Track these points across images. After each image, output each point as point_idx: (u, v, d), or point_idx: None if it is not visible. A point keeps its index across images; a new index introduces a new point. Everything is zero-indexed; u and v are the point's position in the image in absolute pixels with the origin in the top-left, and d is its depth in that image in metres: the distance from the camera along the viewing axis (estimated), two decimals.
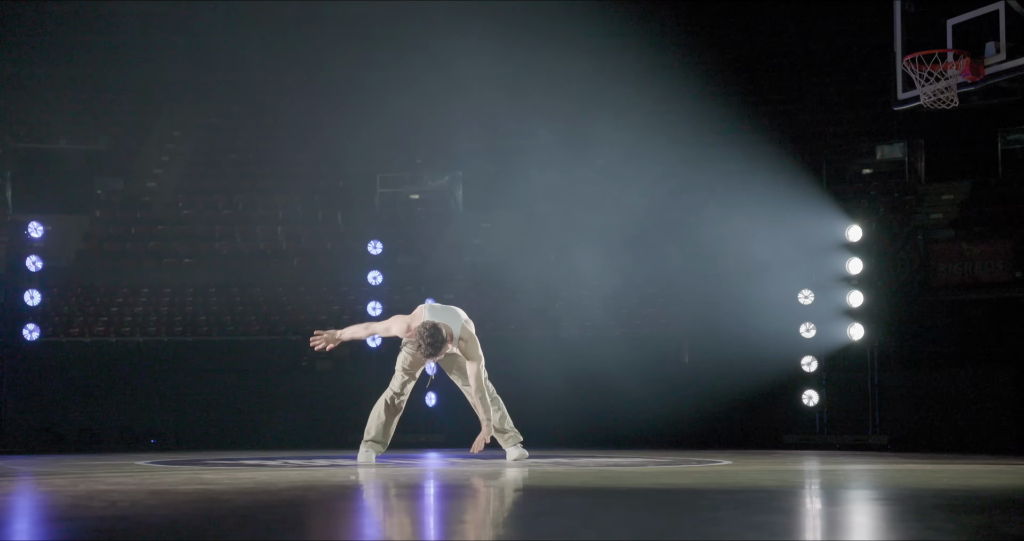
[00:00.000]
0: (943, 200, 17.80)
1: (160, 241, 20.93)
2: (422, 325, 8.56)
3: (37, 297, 14.95)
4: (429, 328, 8.49)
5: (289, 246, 20.92)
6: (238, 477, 7.16)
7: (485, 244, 19.94)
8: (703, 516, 4.67)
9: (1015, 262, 15.34)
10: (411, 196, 21.99)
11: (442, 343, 8.47)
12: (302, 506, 5.16)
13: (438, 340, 8.45)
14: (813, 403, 14.33)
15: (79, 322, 18.41)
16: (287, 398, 15.91)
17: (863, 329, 14.20)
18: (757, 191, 16.23)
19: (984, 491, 6.04)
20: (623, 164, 19.43)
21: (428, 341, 8.45)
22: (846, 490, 6.31)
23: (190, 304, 19.31)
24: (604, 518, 4.74)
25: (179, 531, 4.23)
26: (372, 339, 15.63)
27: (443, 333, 8.48)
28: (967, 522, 4.41)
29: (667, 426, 14.64)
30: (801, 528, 4.37)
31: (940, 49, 10.94)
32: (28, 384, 15.29)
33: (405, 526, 4.57)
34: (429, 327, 8.50)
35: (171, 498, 5.46)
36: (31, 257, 14.91)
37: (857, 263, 14.33)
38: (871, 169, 19.04)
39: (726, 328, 15.21)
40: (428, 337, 8.46)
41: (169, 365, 16.19)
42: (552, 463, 9.02)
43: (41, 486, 6.80)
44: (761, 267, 15.24)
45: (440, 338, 8.46)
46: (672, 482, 6.78)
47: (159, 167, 23.02)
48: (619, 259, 16.76)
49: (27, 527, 4.48)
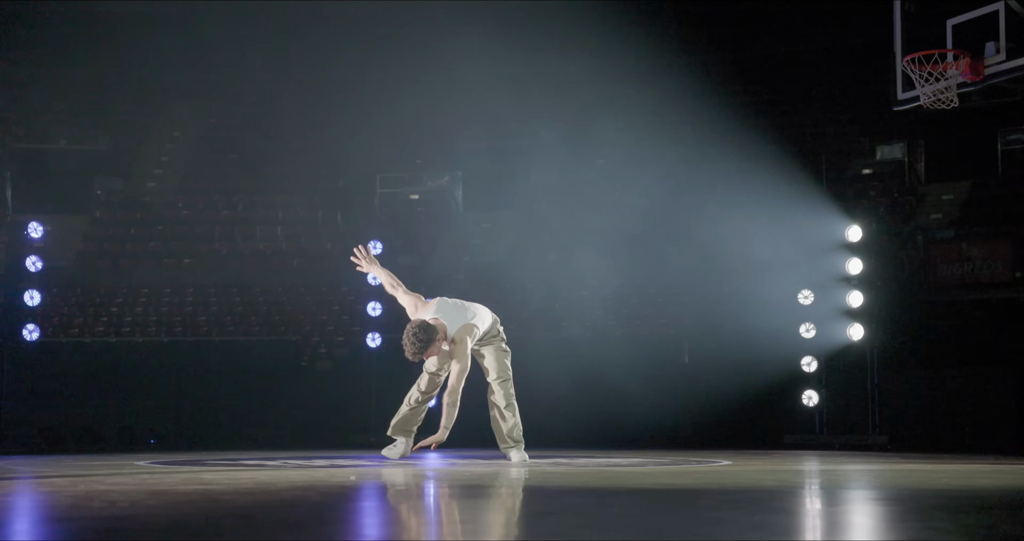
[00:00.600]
0: (943, 200, 17.81)
1: (160, 241, 20.94)
2: (412, 321, 8.40)
3: (37, 297, 14.94)
4: (416, 326, 8.27)
5: (289, 246, 20.93)
6: (238, 477, 7.16)
7: (485, 244, 19.94)
8: (703, 516, 4.67)
9: (1015, 262, 15.35)
10: (411, 196, 21.99)
11: (424, 345, 8.22)
12: (302, 506, 5.16)
13: (420, 341, 8.21)
14: (813, 403, 14.33)
15: (79, 322, 18.42)
16: (287, 398, 15.91)
17: (863, 329, 14.20)
18: (757, 191, 16.23)
19: (984, 491, 6.04)
20: (623, 164, 19.44)
21: (410, 340, 8.28)
22: (846, 490, 6.31)
23: (190, 304, 19.32)
24: (604, 518, 4.74)
25: (179, 531, 4.23)
26: (372, 339, 15.63)
27: (429, 334, 8.23)
28: (967, 522, 4.41)
29: (667, 426, 14.65)
30: (801, 528, 4.37)
31: (940, 49, 10.94)
32: (28, 384, 15.28)
33: (405, 526, 4.57)
34: (417, 325, 8.28)
35: (171, 498, 5.46)
36: (31, 257, 14.90)
37: (857, 263, 14.33)
38: (871, 169, 19.04)
39: (726, 328, 15.21)
40: (411, 336, 8.24)
41: (169, 365, 16.18)
42: (552, 463, 9.01)
43: (41, 486, 6.79)
44: (761, 267, 15.25)
45: (423, 339, 8.21)
46: (672, 482, 6.78)
47: (159, 167, 23.03)
48: (619, 259, 16.76)
49: (27, 527, 4.48)
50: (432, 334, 8.30)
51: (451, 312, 8.57)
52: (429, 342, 8.29)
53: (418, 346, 8.26)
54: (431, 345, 8.31)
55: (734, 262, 15.83)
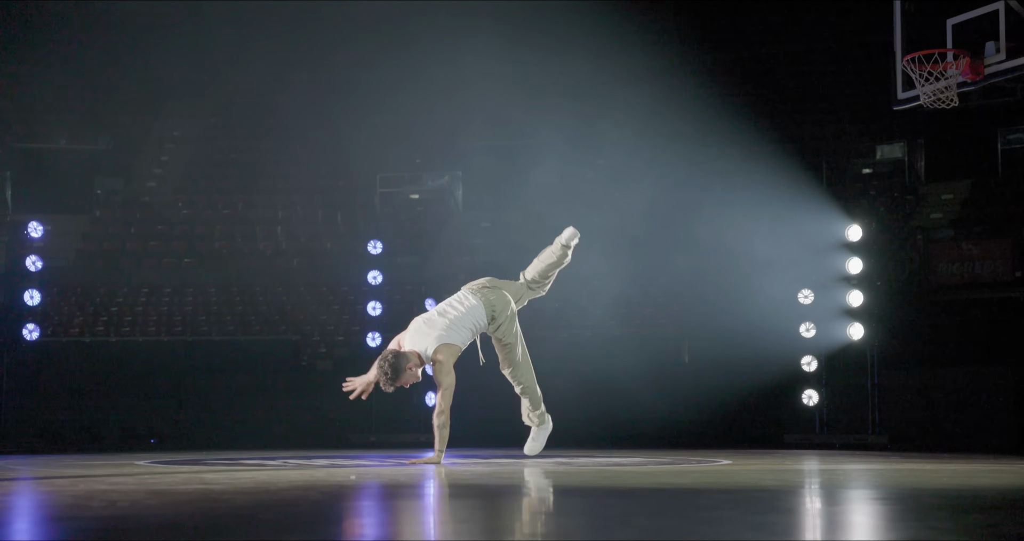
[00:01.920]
0: (943, 200, 17.81)
1: (160, 241, 20.94)
2: (384, 352, 8.37)
3: (37, 297, 14.94)
4: (383, 358, 8.28)
5: (289, 246, 20.93)
6: (238, 477, 7.16)
7: (485, 244, 19.93)
8: (703, 516, 4.67)
9: (1015, 262, 15.35)
10: (411, 196, 22.00)
11: (394, 375, 8.19)
12: (302, 506, 5.16)
13: (385, 373, 8.20)
14: (813, 403, 14.33)
15: (79, 322, 18.42)
16: (287, 398, 15.91)
17: (863, 329, 14.19)
18: (757, 191, 16.23)
19: (984, 491, 6.04)
20: (624, 164, 19.44)
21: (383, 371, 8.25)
22: (846, 490, 6.31)
23: (190, 304, 19.32)
24: (604, 518, 4.74)
25: (179, 531, 4.23)
26: (372, 338, 15.62)
27: (398, 363, 8.20)
28: (967, 522, 4.41)
29: (667, 426, 14.64)
30: (801, 528, 4.37)
31: (940, 49, 10.94)
32: (28, 384, 15.28)
33: (404, 526, 4.57)
34: (384, 356, 8.28)
35: (171, 498, 5.46)
36: (31, 257, 14.90)
37: (857, 263, 14.33)
38: (871, 169, 19.05)
39: (726, 328, 15.21)
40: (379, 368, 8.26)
41: (169, 365, 16.18)
42: (552, 463, 9.02)
43: (41, 486, 6.79)
44: (761, 266, 15.24)
45: (392, 368, 8.18)
46: (672, 482, 6.78)
47: (159, 167, 23.03)
48: (619, 259, 16.75)
49: (27, 527, 4.48)
50: (400, 363, 8.26)
51: (421, 333, 8.42)
52: (398, 371, 8.25)
53: (386, 378, 8.26)
54: (401, 374, 8.27)
55: (734, 261, 15.82)
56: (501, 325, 8.68)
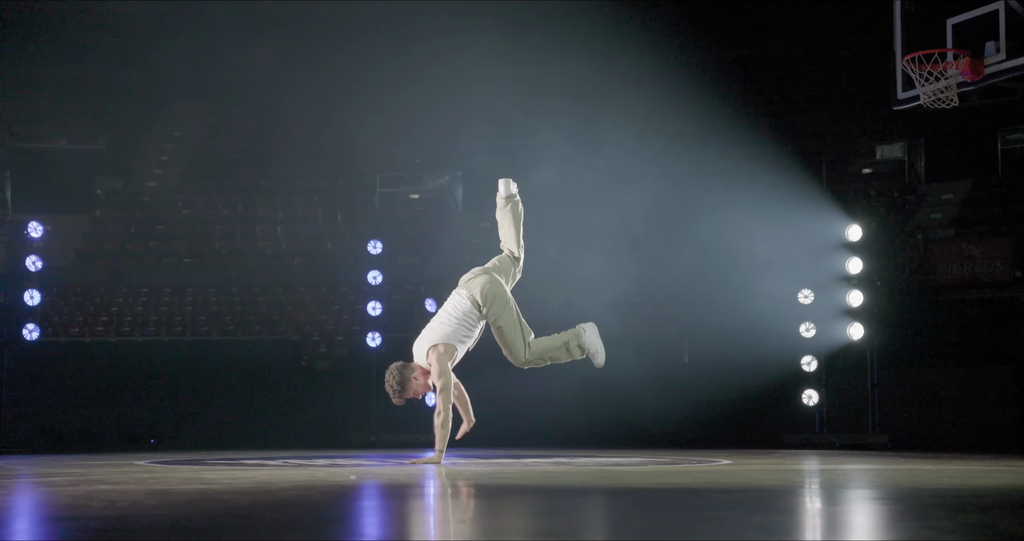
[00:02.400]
0: (943, 200, 17.81)
1: (160, 241, 20.94)
2: (388, 368, 8.42)
3: (37, 297, 14.94)
4: (389, 371, 8.35)
5: (289, 246, 20.93)
6: (238, 477, 7.16)
7: (485, 244, 19.92)
8: (703, 516, 4.67)
9: (1015, 262, 15.35)
10: (411, 196, 22.00)
11: (400, 387, 8.26)
12: (302, 506, 5.16)
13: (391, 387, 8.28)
14: (813, 403, 14.33)
15: (79, 322, 18.42)
16: (287, 398, 15.92)
17: (863, 329, 14.20)
18: (757, 191, 16.23)
19: (984, 491, 6.04)
20: (624, 164, 19.44)
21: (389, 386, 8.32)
22: (846, 490, 6.31)
23: (190, 304, 19.32)
24: (604, 518, 4.74)
25: (179, 531, 4.23)
26: (372, 338, 15.62)
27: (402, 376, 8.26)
28: (967, 522, 4.41)
29: (667, 426, 14.64)
30: (801, 528, 4.37)
31: (940, 49, 10.94)
32: (28, 384, 15.29)
33: (405, 526, 4.57)
34: (390, 370, 8.36)
35: (171, 498, 5.46)
36: (31, 257, 14.90)
37: (857, 263, 14.33)
38: (871, 169, 19.06)
39: (726, 328, 15.21)
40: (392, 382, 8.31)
41: (169, 365, 16.19)
42: (552, 463, 9.01)
43: (41, 486, 6.79)
44: (761, 267, 15.24)
45: (398, 382, 8.26)
46: (672, 482, 6.78)
47: (159, 167, 23.03)
48: (619, 259, 16.75)
49: (27, 527, 4.48)
50: (405, 374, 8.32)
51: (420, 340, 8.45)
52: (404, 382, 8.31)
53: (394, 390, 8.33)
54: (408, 384, 8.32)
55: (734, 261, 15.82)
56: (491, 307, 8.59)
